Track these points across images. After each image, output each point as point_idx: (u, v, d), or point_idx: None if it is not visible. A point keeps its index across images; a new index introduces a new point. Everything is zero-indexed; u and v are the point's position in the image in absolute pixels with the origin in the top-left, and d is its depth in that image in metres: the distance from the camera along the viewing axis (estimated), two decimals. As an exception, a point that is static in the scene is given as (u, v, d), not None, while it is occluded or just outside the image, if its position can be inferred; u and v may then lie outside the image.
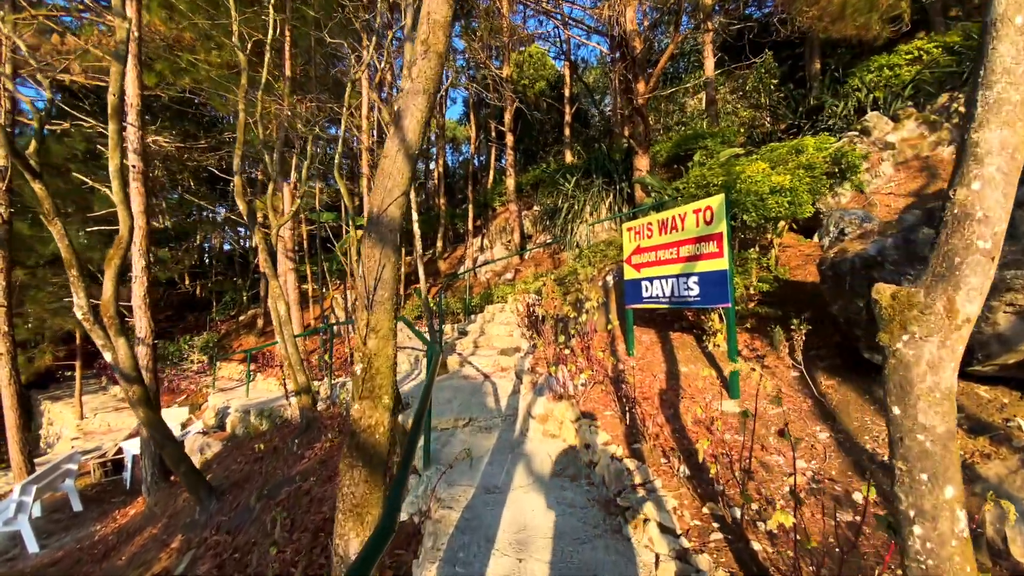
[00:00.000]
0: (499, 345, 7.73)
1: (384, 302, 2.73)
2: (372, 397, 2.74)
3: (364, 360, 2.76)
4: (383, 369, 2.75)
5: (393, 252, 2.75)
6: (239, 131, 6.16)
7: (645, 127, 10.37)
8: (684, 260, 4.62)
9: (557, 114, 26.25)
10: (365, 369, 2.75)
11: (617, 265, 7.73)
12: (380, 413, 2.71)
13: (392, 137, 2.65)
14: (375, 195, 2.61)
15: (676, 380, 4.72)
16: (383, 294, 2.73)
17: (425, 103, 2.74)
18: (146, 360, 6.81)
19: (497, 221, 17.23)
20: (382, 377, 2.76)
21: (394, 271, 2.75)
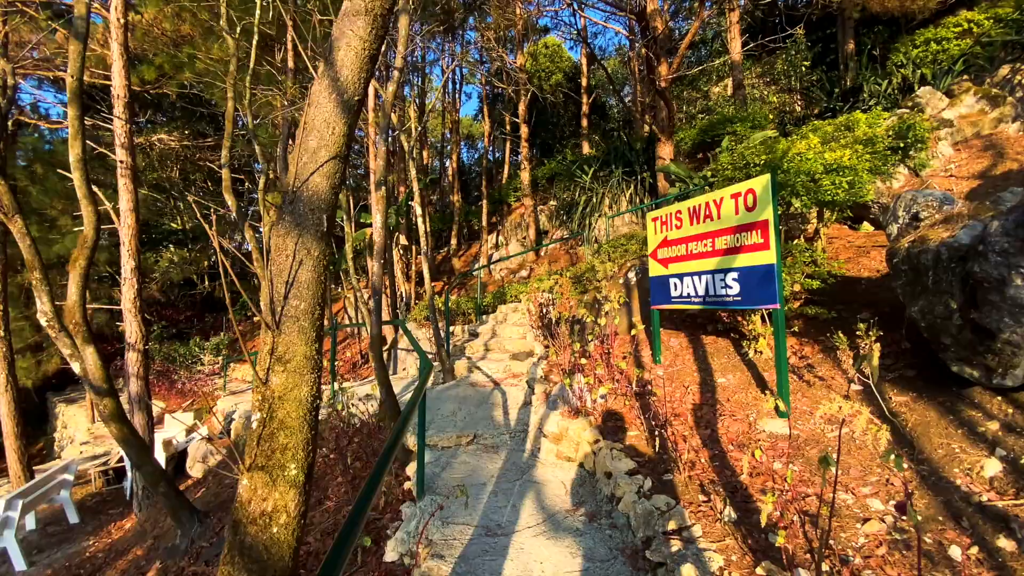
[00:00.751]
0: (511, 348, 7.15)
1: (300, 316, 1.91)
2: (270, 467, 1.87)
3: (264, 407, 1.91)
4: (292, 421, 1.90)
5: (317, 243, 1.94)
6: (227, 121, 5.70)
7: (668, 112, 9.64)
8: (721, 253, 3.95)
9: (574, 106, 25.51)
10: (264, 422, 1.90)
11: (640, 261, 7.07)
12: (282, 493, 1.87)
13: (321, 77, 1.90)
14: (294, 159, 1.92)
15: (712, 393, 4.06)
16: (298, 305, 1.91)
17: (367, 28, 1.93)
18: (136, 367, 6.44)
19: (512, 217, 16.64)
20: (289, 434, 1.90)
21: (318, 271, 1.95)
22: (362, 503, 1.56)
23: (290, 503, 1.91)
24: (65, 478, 7.47)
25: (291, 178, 1.84)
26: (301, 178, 1.82)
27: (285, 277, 1.90)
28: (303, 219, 1.89)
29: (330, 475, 4.77)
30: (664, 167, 9.73)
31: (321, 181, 1.88)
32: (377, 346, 4.67)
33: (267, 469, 1.88)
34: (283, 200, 1.84)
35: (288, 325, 1.92)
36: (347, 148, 1.92)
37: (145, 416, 6.45)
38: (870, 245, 5.31)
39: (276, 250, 1.88)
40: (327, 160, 1.84)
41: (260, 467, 1.88)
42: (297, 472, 1.93)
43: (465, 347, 7.45)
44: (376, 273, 4.57)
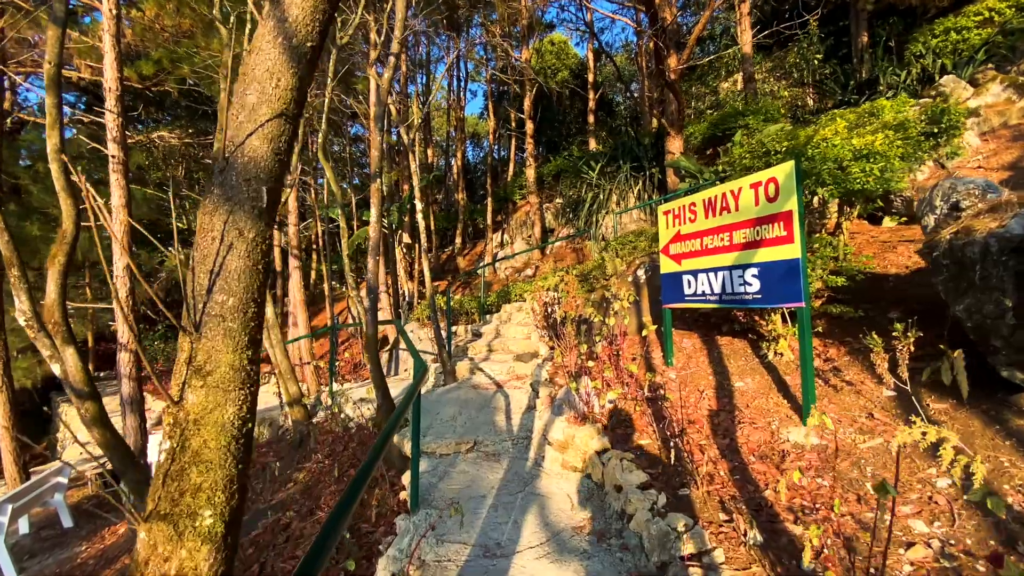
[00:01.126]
0: (515, 349, 6.89)
1: (227, 315, 1.54)
2: (176, 515, 1.47)
3: (175, 434, 1.55)
4: (211, 453, 1.50)
5: (252, 222, 1.58)
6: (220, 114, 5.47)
7: (678, 105, 9.34)
8: (739, 248, 3.67)
9: (580, 102, 25.20)
10: (173, 454, 1.52)
11: (650, 258, 6.79)
12: (192, 551, 1.45)
13: (265, 18, 1.54)
14: (230, 117, 1.61)
15: (729, 398, 3.78)
16: (225, 301, 1.53)
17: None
18: (128, 368, 6.24)
19: (517, 215, 16.39)
20: (206, 471, 1.50)
21: (254, 258, 1.57)
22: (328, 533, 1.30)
23: (202, 564, 1.43)
24: (59, 481, 7.30)
25: (223, 142, 1.55)
26: (235, 141, 1.52)
27: (209, 265, 1.53)
28: (235, 192, 1.53)
29: (323, 483, 4.54)
30: (674, 162, 9.43)
31: (260, 145, 1.52)
32: (373, 347, 4.43)
33: (172, 518, 1.43)
34: (213, 169, 1.54)
35: (211, 327, 1.52)
36: (297, 107, 1.61)
37: (138, 418, 6.26)
38: (896, 240, 5.00)
39: (201, 231, 1.54)
40: (270, 118, 1.51)
41: (163, 515, 1.44)
42: (214, 521, 1.47)
43: (468, 348, 7.20)
44: (372, 271, 4.33)
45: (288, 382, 5.66)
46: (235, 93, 1.58)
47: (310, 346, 9.35)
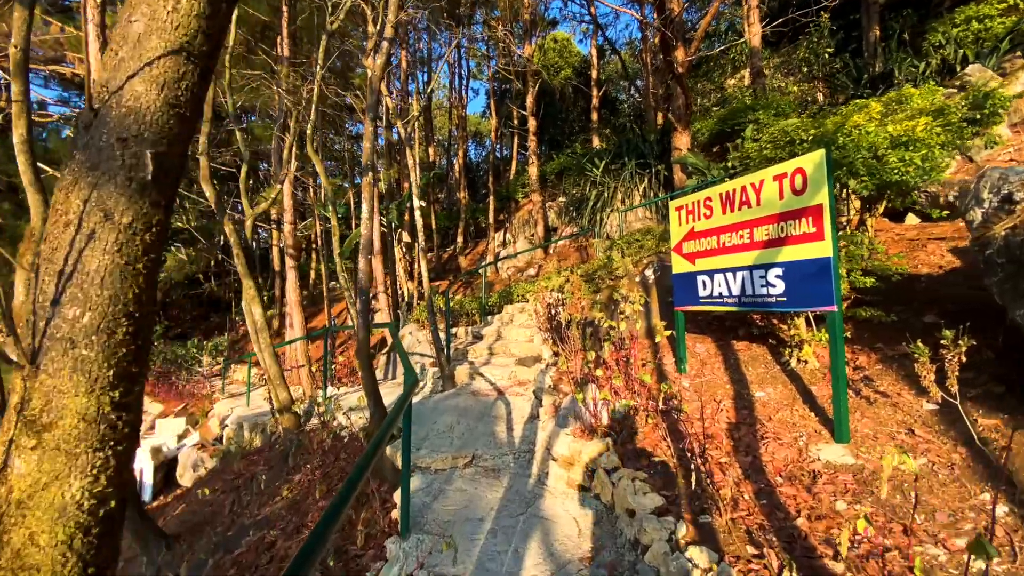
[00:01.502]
0: (517, 352, 6.59)
1: (81, 340, 1.11)
2: None
3: None
4: (39, 555, 1.03)
5: (129, 201, 1.14)
6: (207, 105, 5.21)
7: (686, 99, 9.02)
8: (761, 246, 3.36)
9: (583, 100, 24.89)
10: None
11: (658, 257, 6.48)
12: None
13: None
14: (107, 56, 1.18)
15: (749, 410, 3.47)
16: (78, 319, 1.11)
17: None
18: (113, 372, 6.00)
19: (520, 214, 16.09)
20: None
21: (130, 254, 1.10)
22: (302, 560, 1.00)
23: None
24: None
25: (89, 88, 1.18)
26: (111, 86, 1.11)
27: (59, 264, 1.07)
28: (104, 156, 1.08)
29: (312, 497, 4.25)
30: (681, 158, 9.11)
31: (147, 91, 1.09)
32: (365, 352, 4.14)
33: None
34: (76, 127, 1.16)
35: (54, 356, 1.08)
36: (208, 44, 1.20)
37: (123, 425, 6.00)
38: (924, 237, 4.67)
39: (54, 215, 1.11)
40: (163, 54, 1.08)
41: None
42: None
43: (468, 351, 6.90)
44: (364, 272, 4.04)
45: (278, 388, 5.38)
46: (119, 21, 1.22)
47: (306, 348, 9.07)
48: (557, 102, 25.18)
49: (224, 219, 5.05)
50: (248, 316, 5.32)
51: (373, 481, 4.06)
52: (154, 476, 8.04)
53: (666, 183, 10.53)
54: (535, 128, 13.54)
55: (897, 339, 3.57)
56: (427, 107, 22.93)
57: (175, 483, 8.29)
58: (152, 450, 8.14)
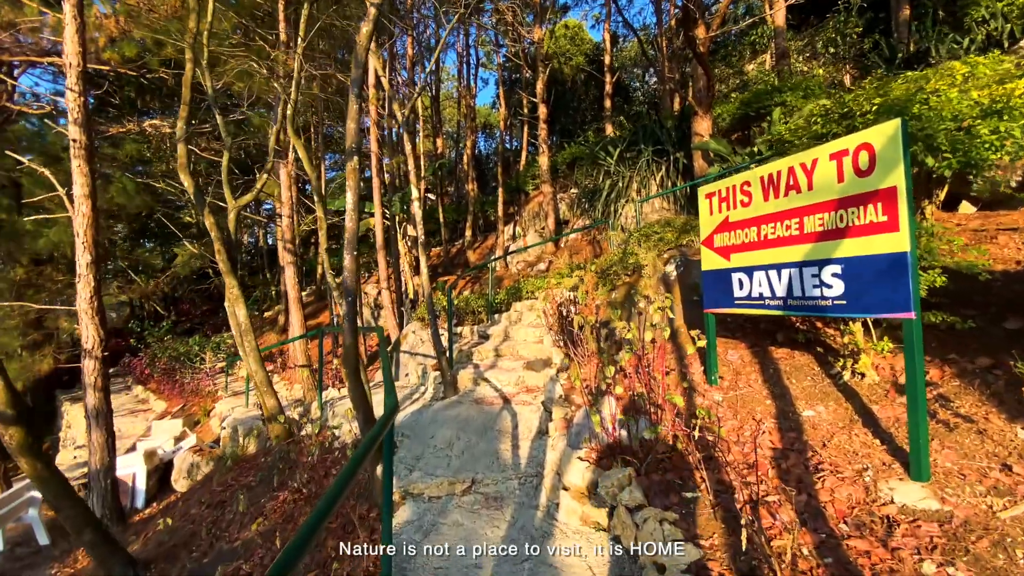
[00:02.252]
0: (525, 355, 6.09)
1: None
2: None
3: None
4: None
5: None
6: (184, 88, 4.77)
7: (708, 80, 8.39)
8: (814, 238, 2.81)
9: (596, 88, 24.19)
10: None
11: (680, 251, 5.93)
12: None
13: None
14: None
15: (797, 432, 2.94)
16: None
17: None
18: (94, 377, 5.60)
19: (530, 206, 15.54)
20: None
21: None
22: None
23: None
24: (33, 495, 6.75)
25: None
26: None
27: None
28: None
29: (294, 523, 3.81)
30: (702, 144, 8.50)
31: None
32: (351, 359, 3.68)
33: None
34: None
35: None
36: None
37: (104, 433, 5.62)
38: (992, 228, 4.07)
39: None
40: None
41: None
42: None
43: (473, 352, 6.42)
44: (348, 269, 3.57)
45: (265, 395, 4.95)
46: None
47: (305, 347, 8.68)
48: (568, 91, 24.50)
49: (205, 212, 4.62)
50: (232, 318, 4.89)
51: (362, 506, 3.61)
52: (148, 481, 7.72)
53: (685, 171, 9.92)
54: (546, 116, 12.94)
55: (976, 349, 3.00)
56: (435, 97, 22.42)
57: (170, 488, 7.97)
58: (146, 454, 7.82)
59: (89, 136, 5.70)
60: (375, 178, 9.46)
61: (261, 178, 5.07)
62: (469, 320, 8.20)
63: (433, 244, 19.46)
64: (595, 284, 6.11)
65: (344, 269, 3.58)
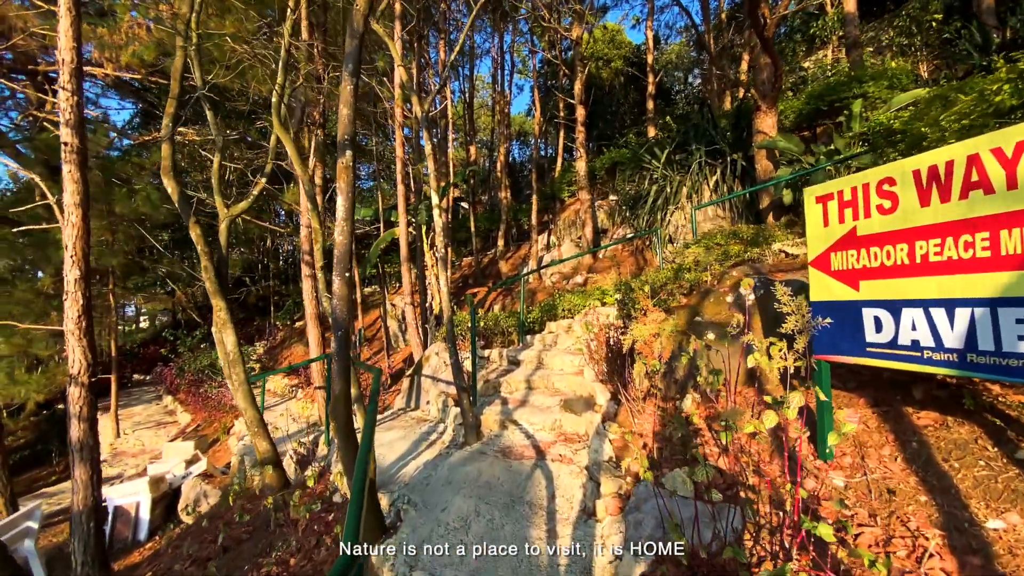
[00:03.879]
0: (563, 389, 5.17)
1: None
2: None
3: None
4: None
5: None
6: (173, 80, 4.15)
7: (775, 68, 7.31)
8: (1017, 263, 1.80)
9: (636, 92, 23.14)
10: None
11: (751, 267, 4.91)
12: None
13: None
14: None
15: (983, 556, 1.90)
16: None
17: None
18: (79, 406, 5.02)
19: (566, 214, 14.63)
20: None
21: None
22: None
23: None
24: (28, 526, 6.27)
25: None
26: None
27: None
28: None
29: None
30: (769, 142, 7.40)
31: None
32: (343, 412, 2.86)
33: None
34: None
35: None
36: None
37: (89, 470, 5.02)
38: None
39: None
40: None
41: None
42: None
43: (500, 383, 5.54)
44: (338, 296, 2.76)
45: (256, 437, 4.22)
46: None
47: (321, 368, 8.01)
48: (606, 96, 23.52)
49: (190, 222, 3.95)
50: (219, 346, 4.19)
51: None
52: (152, 511, 7.17)
53: (743, 175, 8.80)
54: (583, 118, 12.03)
55: None
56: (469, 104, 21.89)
57: (176, 518, 7.40)
58: (152, 481, 7.28)
59: (82, 140, 5.18)
60: (400, 185, 8.78)
61: (259, 183, 4.38)
62: (498, 342, 7.34)
63: (464, 254, 18.78)
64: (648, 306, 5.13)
65: (334, 295, 2.78)
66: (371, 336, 15.62)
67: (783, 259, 5.71)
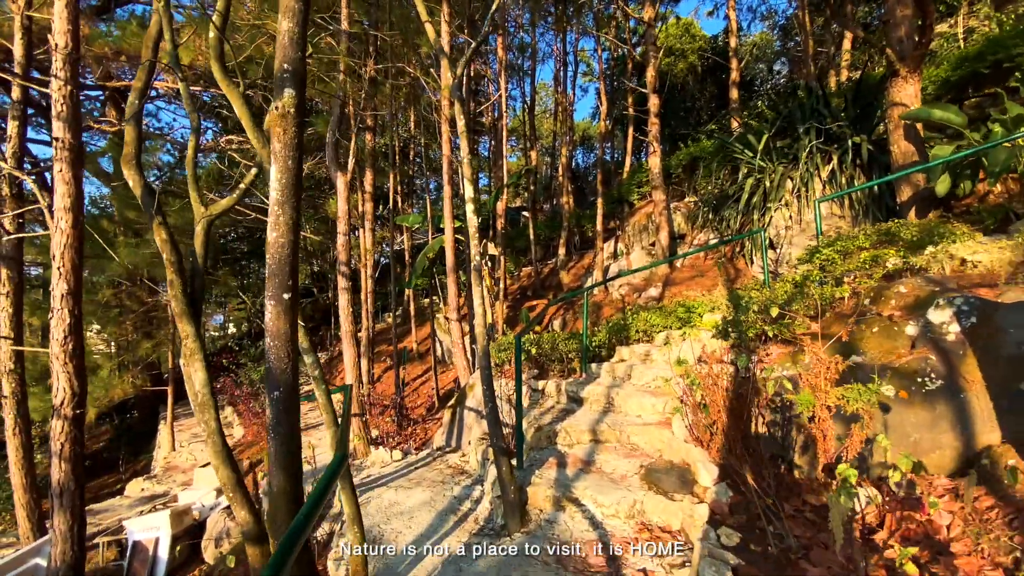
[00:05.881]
0: (643, 446, 3.78)
1: None
2: None
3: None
4: None
5: None
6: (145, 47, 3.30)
7: (925, 20, 5.53)
8: None
9: (714, 85, 21.12)
10: None
11: (929, 283, 3.32)
12: None
13: None
14: None
15: None
16: None
17: None
18: (61, 442, 4.28)
19: (635, 219, 13.06)
20: None
21: None
22: None
23: None
24: (37, 563, 5.77)
25: None
26: None
27: None
28: None
29: None
30: (918, 112, 5.61)
31: None
32: (283, 519, 1.70)
33: None
34: None
35: None
36: None
37: (70, 518, 4.26)
38: None
39: None
40: None
41: None
42: None
43: (557, 431, 4.22)
44: (275, 332, 1.64)
45: (235, 504, 3.21)
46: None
47: (357, 393, 7.09)
48: (678, 94, 21.68)
49: (155, 224, 3.07)
50: (188, 383, 3.25)
51: None
52: (172, 548, 6.50)
53: (870, 162, 6.95)
54: (657, 108, 10.51)
55: None
56: (531, 109, 20.89)
57: (199, 557, 6.70)
58: (173, 515, 6.62)
59: (77, 136, 4.53)
60: (447, 185, 7.77)
61: (249, 176, 3.41)
62: (555, 370, 6.02)
63: (523, 263, 17.63)
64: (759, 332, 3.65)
65: (266, 330, 1.66)
66: (425, 351, 14.79)
67: (963, 269, 4.00)
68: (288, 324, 1.67)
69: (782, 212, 7.38)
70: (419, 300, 19.51)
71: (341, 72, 7.50)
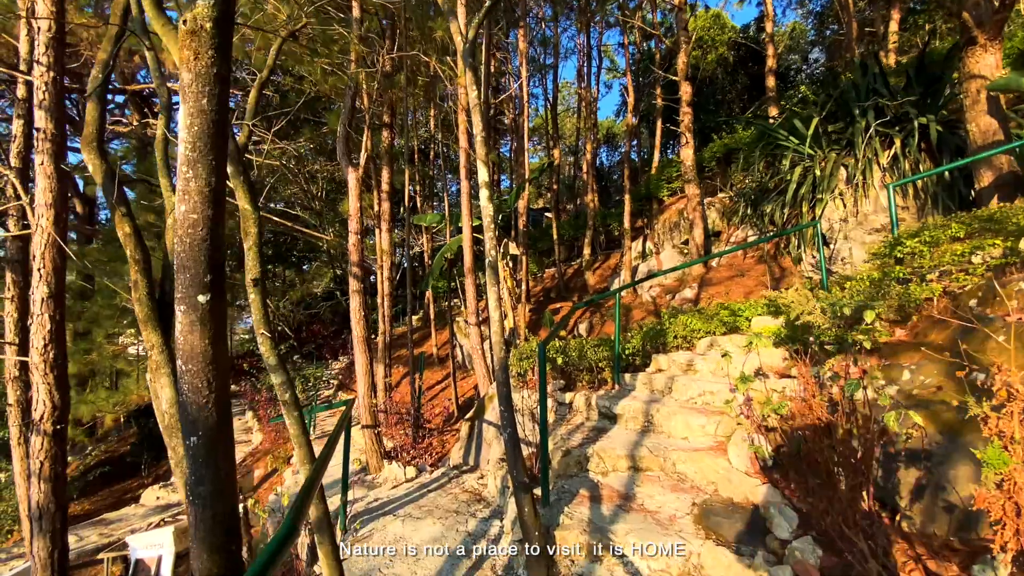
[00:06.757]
0: (693, 477, 3.15)
1: None
2: None
3: None
4: None
5: None
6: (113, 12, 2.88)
7: (1012, -28, 4.76)
8: None
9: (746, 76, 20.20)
10: None
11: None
12: None
13: None
14: None
15: None
16: None
17: None
18: (40, 460, 3.92)
19: (666, 215, 12.33)
20: None
21: None
22: None
23: None
24: (35, 584, 5.47)
25: None
26: None
27: None
28: None
29: None
30: (1008, 81, 4.83)
31: None
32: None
33: None
34: None
35: None
36: None
37: (50, 543, 3.90)
38: None
39: None
40: None
41: None
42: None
43: (588, 456, 3.63)
44: (187, 351, 1.13)
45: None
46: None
47: (369, 404, 6.62)
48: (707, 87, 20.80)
49: (118, 215, 2.64)
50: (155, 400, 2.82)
51: None
52: (175, 567, 6.14)
53: (939, 145, 6.14)
54: (689, 97, 9.81)
55: None
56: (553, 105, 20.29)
57: (204, 576, 6.31)
58: (177, 532, 6.26)
59: (60, 126, 4.17)
60: (464, 181, 7.26)
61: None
62: (584, 381, 5.42)
63: (547, 264, 17.04)
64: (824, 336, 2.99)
65: (177, 349, 1.15)
66: (445, 356, 14.32)
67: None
68: (207, 340, 1.16)
69: (836, 203, 6.61)
70: (440, 303, 19.10)
71: (352, 60, 7.09)
